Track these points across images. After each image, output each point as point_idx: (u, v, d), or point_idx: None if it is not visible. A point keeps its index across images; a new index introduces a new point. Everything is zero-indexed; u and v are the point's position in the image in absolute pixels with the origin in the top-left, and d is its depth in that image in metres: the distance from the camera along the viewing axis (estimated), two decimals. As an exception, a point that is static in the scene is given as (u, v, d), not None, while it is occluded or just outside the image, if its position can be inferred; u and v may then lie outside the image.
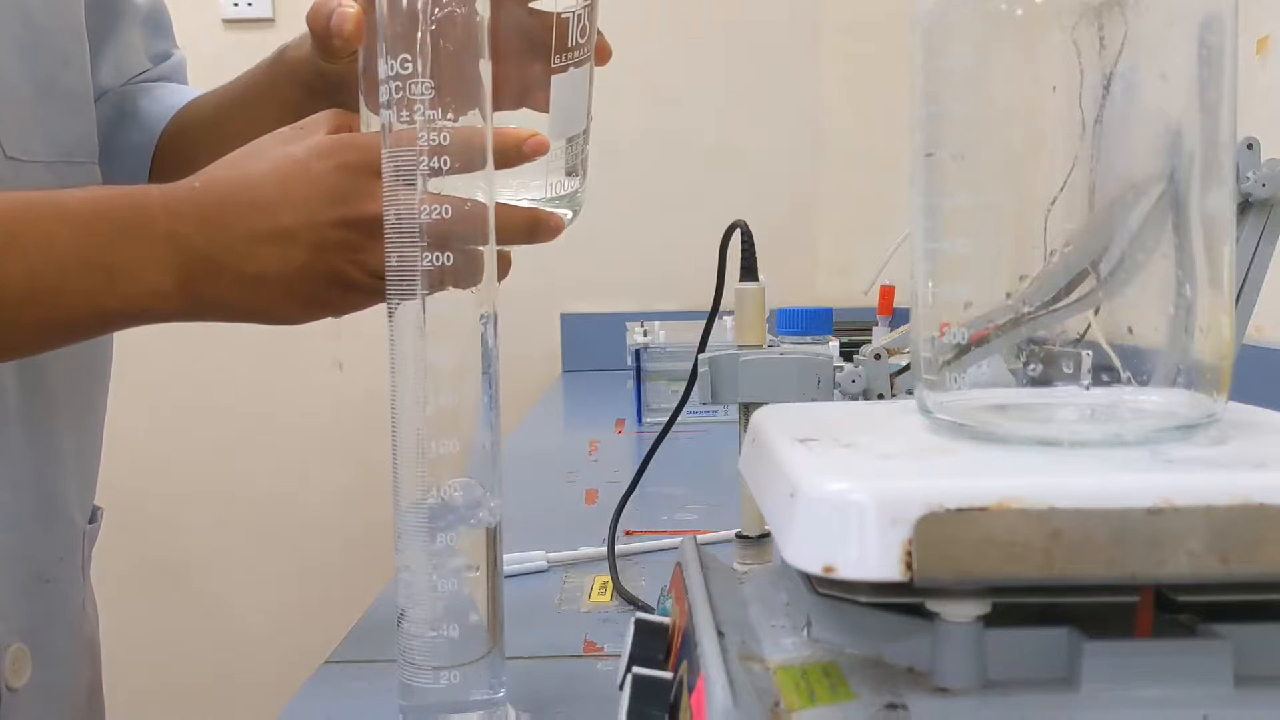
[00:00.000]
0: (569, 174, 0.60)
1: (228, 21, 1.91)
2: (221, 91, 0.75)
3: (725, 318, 0.68)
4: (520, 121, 0.58)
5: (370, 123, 0.55)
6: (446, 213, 0.46)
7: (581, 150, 0.61)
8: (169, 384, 1.91)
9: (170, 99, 0.78)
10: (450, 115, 0.45)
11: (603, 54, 0.62)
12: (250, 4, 1.90)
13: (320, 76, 0.63)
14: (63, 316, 0.53)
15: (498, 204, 0.48)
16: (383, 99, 0.46)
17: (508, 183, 0.55)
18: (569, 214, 0.59)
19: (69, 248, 0.51)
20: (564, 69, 0.59)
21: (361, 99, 0.56)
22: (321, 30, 0.58)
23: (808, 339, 1.09)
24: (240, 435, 1.93)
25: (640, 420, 1.37)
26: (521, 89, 0.60)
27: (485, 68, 0.47)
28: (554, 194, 0.59)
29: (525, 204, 0.57)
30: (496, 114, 0.48)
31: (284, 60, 0.68)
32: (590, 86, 0.61)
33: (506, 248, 0.54)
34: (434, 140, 0.45)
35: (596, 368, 1.88)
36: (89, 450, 0.74)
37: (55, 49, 0.67)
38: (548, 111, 0.59)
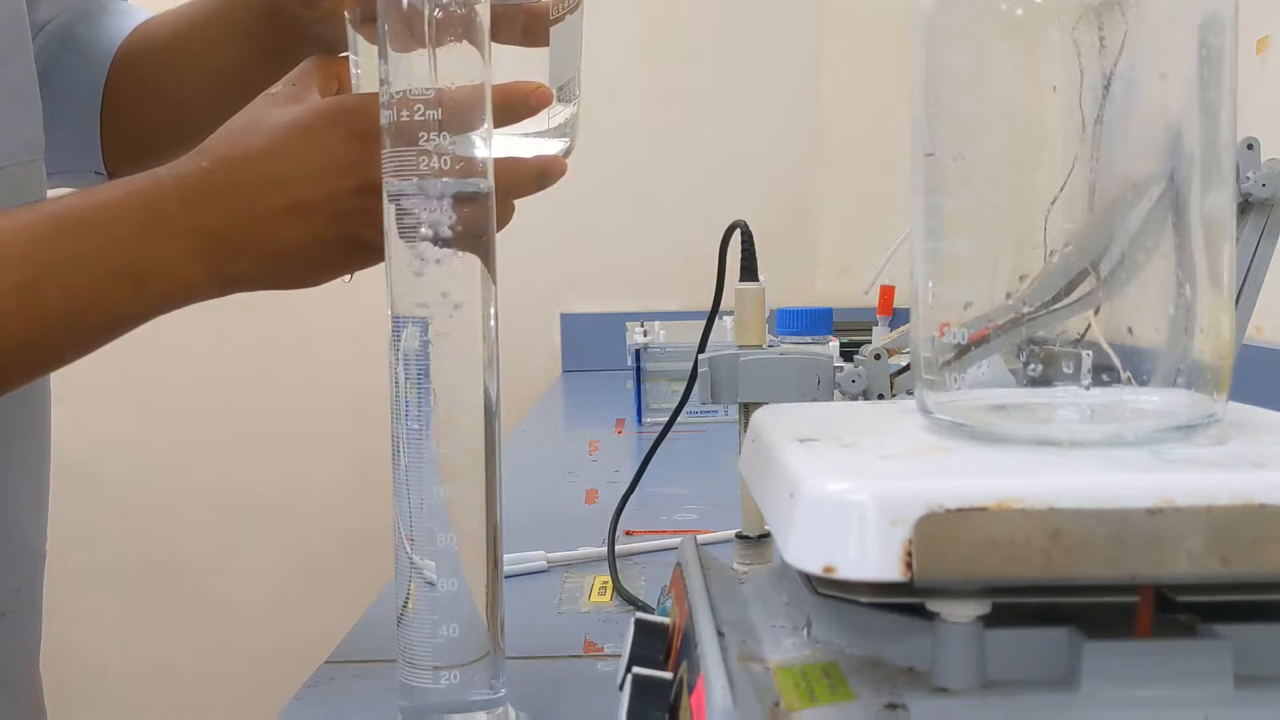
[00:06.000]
0: (564, 103, 0.60)
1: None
2: (175, 17, 0.72)
3: (725, 318, 0.68)
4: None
5: (361, 53, 0.55)
6: (449, 172, 0.45)
7: (575, 82, 0.62)
8: (168, 382, 1.91)
9: (117, 24, 0.75)
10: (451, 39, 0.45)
11: None
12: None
13: (289, 11, 0.62)
14: (100, 327, 0.53)
15: (508, 158, 0.48)
16: (382, 75, 0.45)
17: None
18: (567, 141, 0.60)
19: (97, 261, 0.51)
20: (560, 18, 0.59)
21: (353, 34, 0.55)
22: None
23: (808, 339, 1.09)
24: (239, 434, 1.93)
25: (640, 420, 1.37)
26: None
27: (483, 9, 0.46)
28: (551, 125, 0.59)
29: (525, 138, 0.58)
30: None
31: None
32: (582, 23, 0.61)
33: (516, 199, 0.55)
34: (433, 105, 0.45)
35: (596, 368, 1.87)
36: (40, 471, 0.73)
37: None
38: (514, 45, 0.59)
